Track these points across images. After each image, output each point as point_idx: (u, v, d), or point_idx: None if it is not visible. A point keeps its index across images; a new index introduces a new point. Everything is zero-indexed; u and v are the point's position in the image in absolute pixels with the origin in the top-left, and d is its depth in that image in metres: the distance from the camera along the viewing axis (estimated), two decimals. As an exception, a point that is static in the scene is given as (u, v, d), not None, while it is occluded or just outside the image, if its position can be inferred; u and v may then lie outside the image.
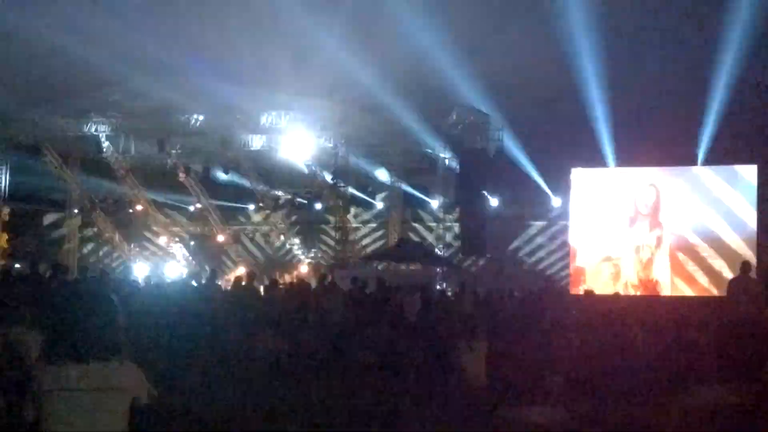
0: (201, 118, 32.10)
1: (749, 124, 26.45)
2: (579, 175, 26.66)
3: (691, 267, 25.01)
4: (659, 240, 25.30)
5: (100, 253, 38.43)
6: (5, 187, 33.76)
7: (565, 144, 28.63)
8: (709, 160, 26.09)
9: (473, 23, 28.18)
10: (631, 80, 27.63)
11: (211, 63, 30.71)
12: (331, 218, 33.90)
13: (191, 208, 37.33)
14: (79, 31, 27.40)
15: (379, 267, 29.28)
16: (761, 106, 26.66)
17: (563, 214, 29.80)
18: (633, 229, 25.45)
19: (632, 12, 27.63)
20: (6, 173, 33.75)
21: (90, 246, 38.66)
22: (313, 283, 19.31)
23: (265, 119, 31.22)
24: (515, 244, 33.28)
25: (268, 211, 36.57)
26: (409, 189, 34.64)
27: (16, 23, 27.85)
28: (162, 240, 37.84)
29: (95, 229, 37.50)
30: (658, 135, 27.09)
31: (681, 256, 25.15)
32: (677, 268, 25.14)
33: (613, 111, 27.13)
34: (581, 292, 19.89)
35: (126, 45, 29.18)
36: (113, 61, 29.36)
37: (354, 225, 35.40)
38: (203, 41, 31.72)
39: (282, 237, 36.94)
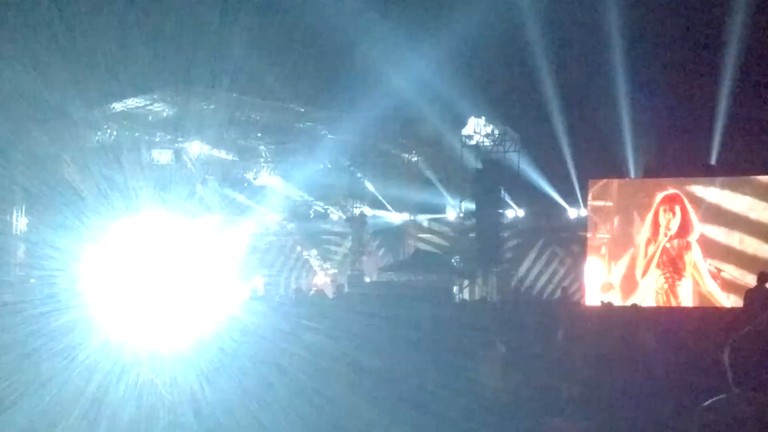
0: (217, 129, 32.25)
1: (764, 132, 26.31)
2: (596, 186, 26.63)
3: (714, 279, 24.81)
4: (683, 254, 25.17)
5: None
6: (22, 199, 33.86)
7: (582, 154, 28.58)
8: (725, 170, 25.96)
9: (486, 33, 28.21)
10: (646, 90, 27.56)
11: (232, 75, 30.84)
12: (349, 229, 33.88)
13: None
14: (96, 40, 27.53)
15: (396, 278, 29.28)
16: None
17: (579, 225, 29.71)
18: (655, 246, 25.36)
19: (648, 19, 27.59)
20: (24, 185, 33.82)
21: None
22: (330, 294, 19.37)
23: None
24: (531, 254, 33.18)
25: (285, 221, 36.56)
26: (426, 199, 34.63)
27: (31, 33, 28.00)
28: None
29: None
30: (672, 144, 27.01)
31: (705, 268, 24.94)
32: (700, 282, 24.96)
33: (628, 121, 27.06)
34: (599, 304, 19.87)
35: (143, 55, 29.31)
36: (131, 72, 29.51)
37: (371, 235, 35.33)
38: (223, 54, 31.83)
39: (299, 248, 36.91)
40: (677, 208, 25.20)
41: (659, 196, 25.46)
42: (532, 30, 27.19)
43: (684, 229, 25.16)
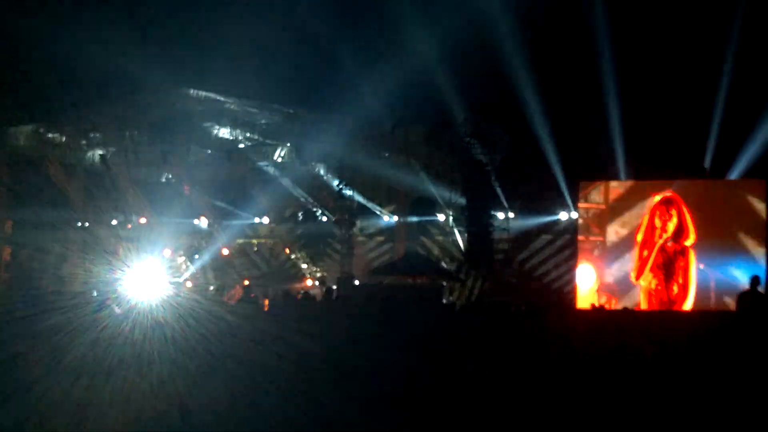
0: (207, 131, 32.14)
1: (758, 137, 26.29)
2: (588, 188, 26.58)
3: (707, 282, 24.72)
4: (678, 258, 25.08)
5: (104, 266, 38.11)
6: (8, 200, 33.65)
7: (574, 156, 28.51)
8: (719, 173, 25.97)
9: (478, 34, 28.16)
10: (639, 92, 27.55)
11: (218, 77, 30.74)
12: (337, 231, 33.79)
13: (196, 222, 37.21)
14: (83, 43, 27.40)
15: (386, 280, 29.18)
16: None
17: (571, 227, 29.65)
18: (651, 248, 25.30)
19: (642, 19, 27.59)
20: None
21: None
22: (319, 297, 19.26)
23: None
24: (522, 257, 33.11)
25: (273, 224, 36.48)
26: (416, 201, 34.57)
27: (19, 34, 27.84)
28: (166, 253, 37.67)
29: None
30: (666, 148, 26.97)
31: (699, 272, 24.85)
32: (694, 286, 24.87)
33: (621, 123, 27.02)
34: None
35: (129, 58, 29.21)
36: (118, 75, 29.39)
37: (360, 238, 35.27)
38: (209, 55, 31.75)
39: (287, 250, 36.82)
40: (674, 211, 25.11)
41: (656, 198, 25.36)
42: (522, 30, 27.16)
43: (680, 232, 25.05)
